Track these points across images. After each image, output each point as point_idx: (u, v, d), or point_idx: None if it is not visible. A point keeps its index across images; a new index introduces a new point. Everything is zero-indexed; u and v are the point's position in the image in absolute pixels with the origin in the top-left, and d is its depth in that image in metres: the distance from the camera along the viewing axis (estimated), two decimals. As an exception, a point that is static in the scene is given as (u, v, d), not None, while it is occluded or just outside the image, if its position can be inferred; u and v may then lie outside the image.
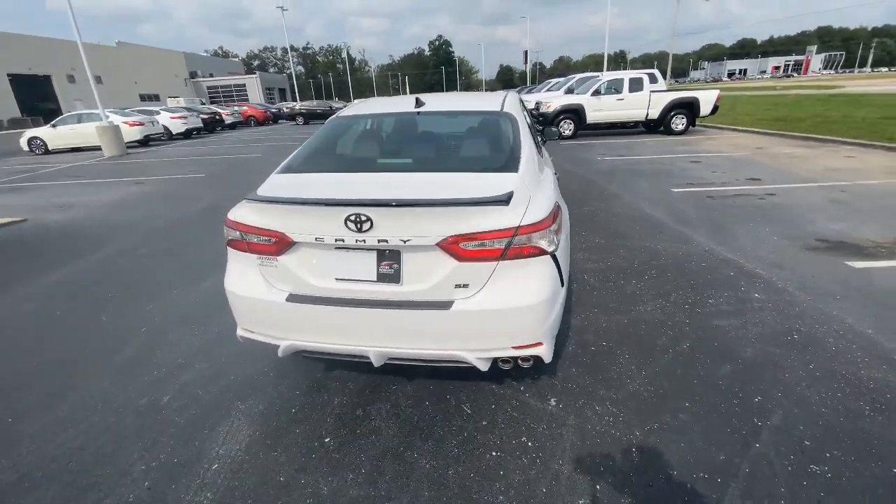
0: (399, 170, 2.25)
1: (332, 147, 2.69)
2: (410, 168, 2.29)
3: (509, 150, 2.27)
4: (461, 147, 2.47)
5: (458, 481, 1.80)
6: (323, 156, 2.61)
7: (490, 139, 2.49)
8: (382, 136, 2.88)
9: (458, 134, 2.75)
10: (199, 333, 3.01)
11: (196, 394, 2.40)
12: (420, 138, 2.73)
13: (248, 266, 2.07)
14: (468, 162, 2.34)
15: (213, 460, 1.95)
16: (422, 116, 2.71)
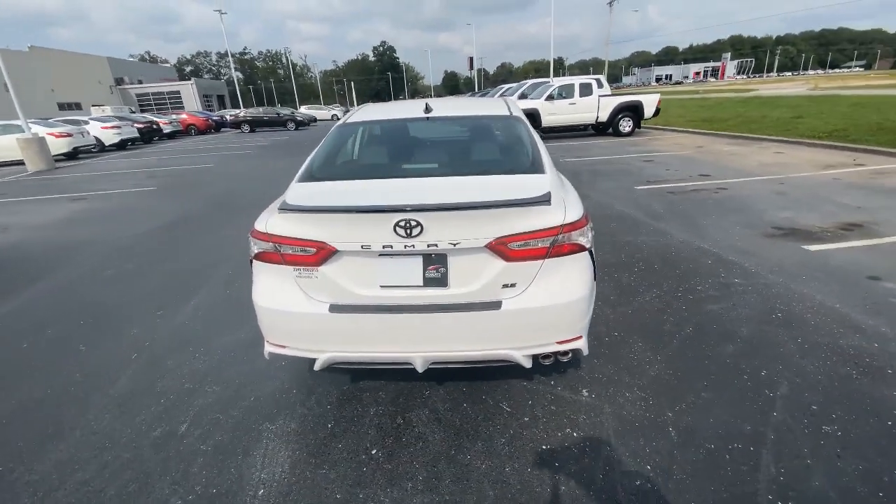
0: (427, 174, 2.25)
1: (349, 153, 2.64)
2: (437, 172, 2.30)
3: (531, 153, 2.35)
4: (482, 150, 2.52)
5: (517, 477, 1.84)
6: (342, 163, 2.56)
7: (508, 142, 2.56)
8: (398, 141, 2.87)
9: (474, 138, 2.80)
10: (200, 356, 2.83)
11: (216, 419, 2.26)
12: (437, 143, 2.75)
13: (283, 278, 1.99)
14: (493, 165, 2.39)
15: (258, 485, 1.86)
16: (433, 122, 2.74)
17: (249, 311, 2.97)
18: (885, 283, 3.29)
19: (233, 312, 3.36)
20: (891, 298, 3.07)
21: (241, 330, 3.10)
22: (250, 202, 7.22)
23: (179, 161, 14.04)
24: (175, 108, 39.42)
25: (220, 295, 3.71)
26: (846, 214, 4.92)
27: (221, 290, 3.81)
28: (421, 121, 2.74)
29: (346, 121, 2.83)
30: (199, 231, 5.74)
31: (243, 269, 4.20)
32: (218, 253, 4.77)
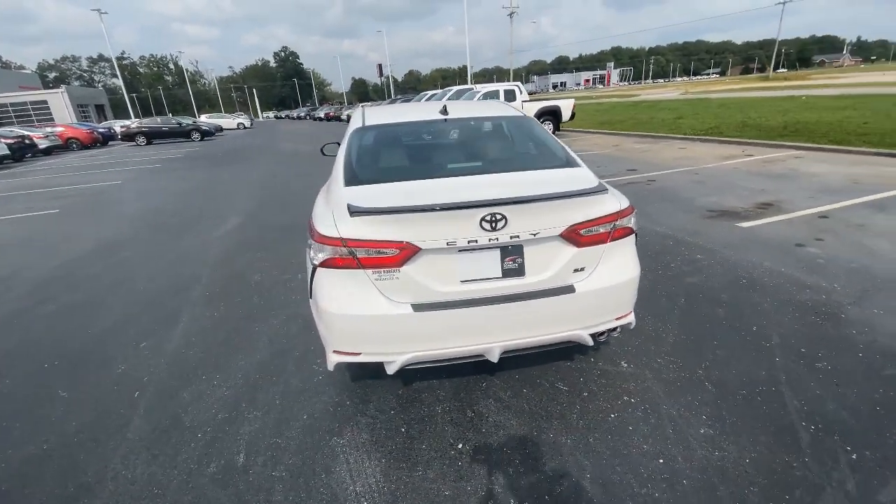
0: (474, 172, 2.31)
1: (385, 156, 2.61)
2: (483, 170, 2.37)
3: (560, 148, 2.54)
4: (514, 148, 2.65)
5: (603, 445, 1.99)
6: (384, 166, 2.52)
7: (534, 140, 2.72)
8: (429, 142, 2.88)
9: (499, 137, 2.91)
10: (220, 383, 2.59)
11: (275, 443, 2.11)
12: (466, 142, 2.81)
13: (358, 283, 1.94)
14: (532, 161, 2.53)
15: (359, 498, 1.79)
16: (452, 123, 2.81)
17: (257, 330, 2.79)
18: (808, 249, 4.03)
19: (236, 334, 3.11)
20: (818, 260, 3.78)
21: (255, 351, 2.89)
22: (191, 221, 6.61)
23: (76, 179, 12.20)
24: (42, 121, 33.95)
25: (210, 317, 3.39)
26: (757, 196, 5.87)
27: (207, 311, 3.48)
28: (439, 122, 2.80)
29: (363, 124, 2.78)
30: (144, 254, 5.12)
31: (222, 290, 3.88)
32: (182, 274, 4.32)
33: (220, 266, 4.50)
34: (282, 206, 6.99)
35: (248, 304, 3.58)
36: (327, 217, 2.03)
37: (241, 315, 3.40)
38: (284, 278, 4.04)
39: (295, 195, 7.77)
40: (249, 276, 4.15)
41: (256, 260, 4.60)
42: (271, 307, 3.50)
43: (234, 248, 5.04)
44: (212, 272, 4.34)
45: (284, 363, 2.74)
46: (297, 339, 2.99)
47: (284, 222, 5.96)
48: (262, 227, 5.86)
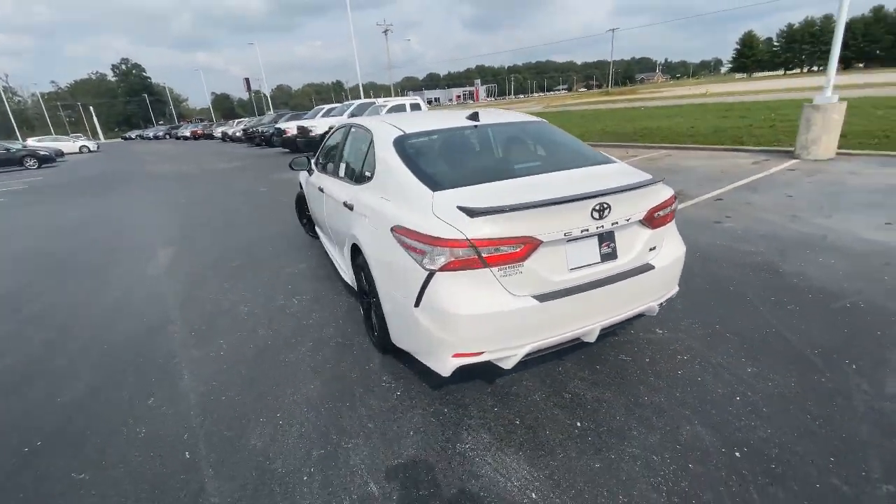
0: (538, 171, 2.46)
1: (447, 161, 2.61)
2: (544, 169, 2.53)
3: (589, 148, 2.86)
4: (557, 148, 2.86)
5: (691, 397, 2.31)
6: (455, 169, 2.53)
7: (564, 141, 2.98)
8: (478, 146, 2.93)
9: (535, 139, 3.08)
10: (288, 424, 2.32)
11: (400, 465, 2.00)
12: (511, 145, 2.94)
13: (483, 282, 1.96)
14: (580, 158, 2.74)
15: (524, 490, 1.82)
16: (486, 128, 2.95)
17: (293, 363, 2.60)
18: (725, 224, 5.02)
19: (273, 371, 2.79)
20: (738, 232, 4.73)
21: (309, 381, 2.63)
22: (85, 265, 5.55)
23: None
24: None
25: (218, 363, 2.95)
26: (663, 187, 7.03)
27: (209, 354, 3.03)
28: (481, 128, 2.92)
29: (403, 132, 2.75)
30: (54, 304, 4.16)
31: (205, 332, 3.41)
32: (129, 324, 3.65)
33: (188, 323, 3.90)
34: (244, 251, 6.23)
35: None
36: (433, 222, 2.01)
37: (259, 349, 3.03)
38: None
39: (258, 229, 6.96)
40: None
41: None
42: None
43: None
44: (188, 314, 3.75)
45: (359, 384, 2.56)
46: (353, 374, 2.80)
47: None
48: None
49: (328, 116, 16.43)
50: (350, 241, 2.90)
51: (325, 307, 3.60)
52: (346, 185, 3.24)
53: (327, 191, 3.63)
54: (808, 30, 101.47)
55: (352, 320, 3.34)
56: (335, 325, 3.29)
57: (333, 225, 3.51)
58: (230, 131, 30.26)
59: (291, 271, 4.47)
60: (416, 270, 2.05)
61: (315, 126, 15.23)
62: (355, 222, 2.78)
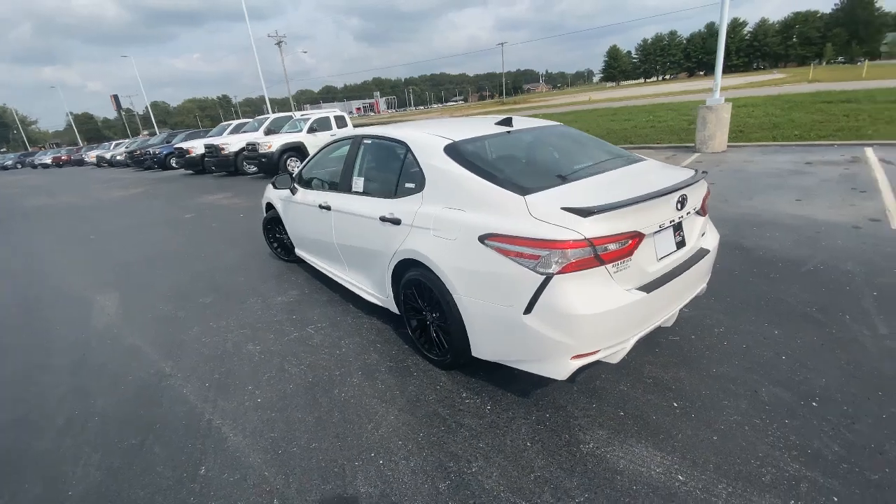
0: (597, 171, 2.55)
1: (510, 165, 2.59)
2: (601, 169, 2.61)
3: (616, 147, 3.06)
4: (594, 149, 2.97)
5: (748, 362, 2.57)
6: (526, 172, 2.51)
7: (596, 141, 3.13)
8: (526, 151, 2.91)
9: (567, 142, 3.13)
10: (383, 473, 2.11)
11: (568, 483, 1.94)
12: (555, 148, 2.98)
13: (599, 280, 2.00)
14: (621, 157, 2.87)
15: (670, 472, 1.88)
16: (523, 133, 3.00)
17: (355, 396, 2.45)
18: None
19: (336, 409, 2.51)
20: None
21: (385, 412, 2.42)
22: (8, 328, 4.54)
23: None
24: None
25: (263, 412, 2.58)
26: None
27: (244, 404, 2.63)
28: (513, 133, 2.95)
29: (451, 140, 2.67)
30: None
31: (222, 381, 3.03)
32: (111, 388, 3.04)
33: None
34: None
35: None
36: (540, 225, 2.00)
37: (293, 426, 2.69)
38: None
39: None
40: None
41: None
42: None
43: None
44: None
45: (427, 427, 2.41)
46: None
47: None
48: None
49: (240, 133, 15.19)
50: (397, 257, 2.74)
51: (351, 332, 3.34)
52: (372, 200, 3.05)
53: (340, 208, 3.38)
54: (658, 44, 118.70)
55: (391, 342, 3.15)
56: (376, 350, 3.07)
57: (356, 243, 3.27)
58: (108, 154, 26.46)
59: (285, 300, 4.06)
60: (525, 276, 2.02)
61: (228, 144, 13.97)
62: (409, 236, 2.63)
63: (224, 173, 15.00)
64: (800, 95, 18.13)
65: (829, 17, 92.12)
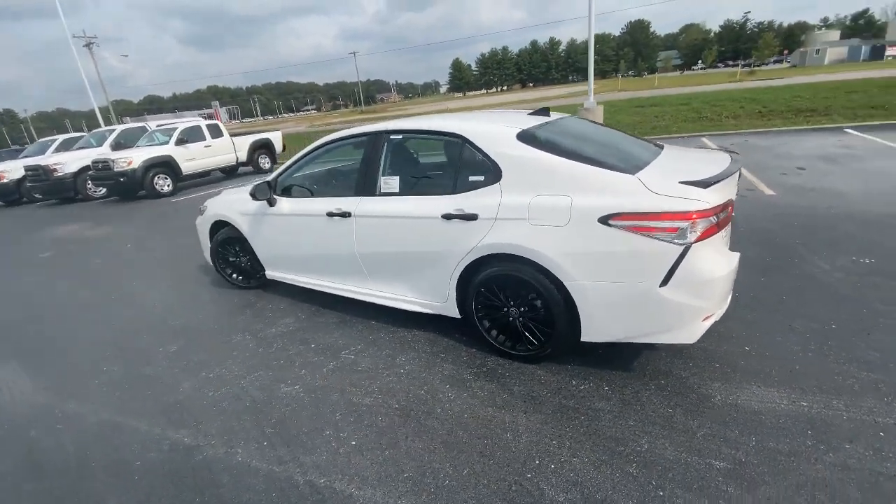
0: (652, 157, 2.70)
1: (586, 149, 2.58)
2: (654, 152, 2.78)
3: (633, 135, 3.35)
4: (622, 136, 3.16)
5: (783, 315, 3.09)
6: (608, 155, 2.51)
7: (614, 131, 3.35)
8: (583, 137, 2.90)
9: (596, 128, 3.26)
10: (572, 479, 1.99)
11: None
12: (594, 135, 3.04)
13: (718, 244, 2.21)
14: (649, 143, 3.12)
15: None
16: (563, 121, 3.06)
17: (470, 417, 2.38)
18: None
19: (461, 436, 2.23)
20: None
21: (515, 423, 2.25)
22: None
23: None
24: None
25: (374, 461, 2.16)
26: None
27: (340, 451, 2.17)
28: (555, 121, 3.00)
29: (521, 129, 2.60)
30: None
31: (281, 432, 2.59)
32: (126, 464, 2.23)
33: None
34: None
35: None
36: (669, 200, 2.11)
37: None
38: (339, 366, 2.85)
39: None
40: (277, 393, 2.64)
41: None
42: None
43: (127, 394, 2.83)
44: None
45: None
46: (516, 386, 2.49)
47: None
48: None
49: (73, 150, 12.16)
50: (474, 254, 2.57)
51: (398, 348, 3.00)
52: (420, 199, 2.81)
53: (367, 213, 3.00)
54: (493, 59, 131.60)
55: (451, 348, 2.92)
56: (444, 360, 2.82)
57: (397, 249, 2.93)
58: None
59: (282, 330, 3.43)
60: (661, 250, 2.10)
61: (62, 164, 11.04)
62: (492, 230, 2.48)
63: (56, 200, 11.84)
64: (618, 102, 22.02)
65: (619, 38, 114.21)
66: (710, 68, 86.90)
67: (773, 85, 22.30)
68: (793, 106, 13.51)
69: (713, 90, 23.73)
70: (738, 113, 13.72)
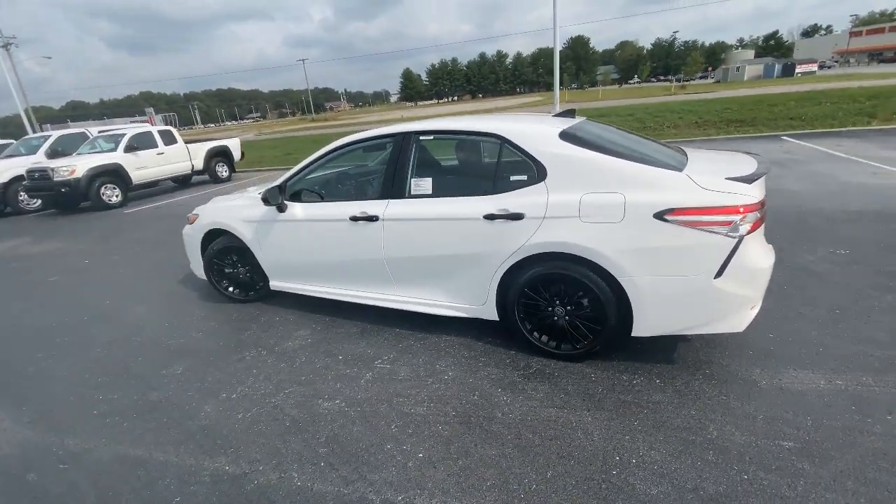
0: (683, 156, 2.81)
1: (624, 148, 2.62)
2: (683, 152, 2.90)
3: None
4: (642, 138, 3.26)
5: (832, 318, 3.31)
6: (647, 155, 2.56)
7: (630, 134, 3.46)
8: (615, 137, 2.93)
9: (616, 130, 3.33)
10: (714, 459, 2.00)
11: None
12: (623, 135, 3.11)
13: (760, 237, 2.35)
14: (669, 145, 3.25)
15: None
16: (591, 123, 3.12)
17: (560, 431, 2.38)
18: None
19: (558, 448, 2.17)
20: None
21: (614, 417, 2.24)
22: None
23: None
24: None
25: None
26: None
27: (451, 478, 2.05)
28: (583, 122, 3.05)
29: (562, 129, 2.62)
30: None
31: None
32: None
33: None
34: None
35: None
36: (720, 195, 2.21)
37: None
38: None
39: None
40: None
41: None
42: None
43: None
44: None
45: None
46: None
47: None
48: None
49: (0, 159, 10.87)
50: (521, 253, 2.55)
51: (435, 355, 2.90)
52: (457, 200, 2.76)
53: (398, 216, 2.90)
54: (443, 70, 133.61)
55: (491, 352, 2.88)
56: (486, 363, 2.76)
57: (432, 252, 2.85)
58: None
59: (300, 343, 3.23)
60: (716, 243, 2.19)
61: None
62: (540, 229, 2.48)
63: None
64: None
65: (562, 52, 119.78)
66: (645, 82, 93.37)
67: (705, 98, 24.31)
68: (724, 117, 14.77)
69: (653, 102, 25.47)
70: (678, 123, 14.78)
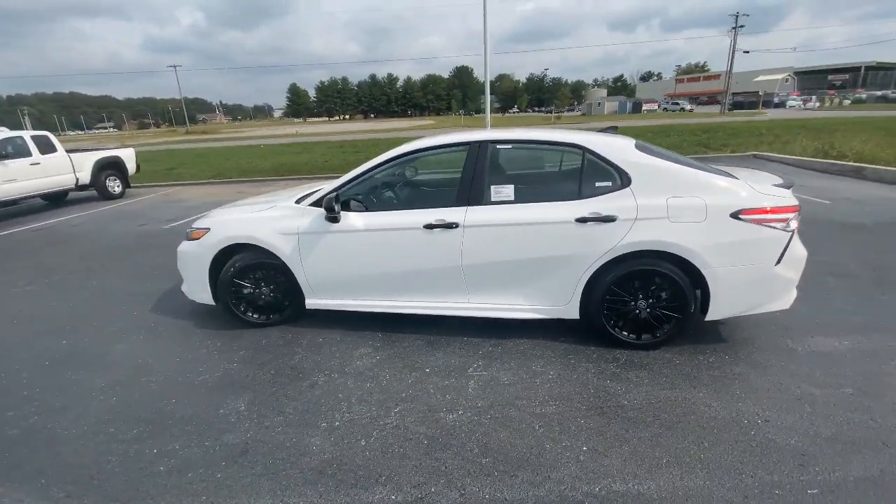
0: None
1: (680, 157, 2.99)
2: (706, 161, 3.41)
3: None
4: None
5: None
6: (703, 164, 2.97)
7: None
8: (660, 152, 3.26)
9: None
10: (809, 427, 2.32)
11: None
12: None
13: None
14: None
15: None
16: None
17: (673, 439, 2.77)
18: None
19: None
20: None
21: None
22: None
23: None
24: None
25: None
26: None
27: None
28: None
29: (638, 141, 2.95)
30: None
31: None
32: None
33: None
34: None
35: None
36: (776, 197, 2.72)
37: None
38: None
39: None
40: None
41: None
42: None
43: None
44: None
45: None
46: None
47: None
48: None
49: None
50: (613, 253, 2.79)
51: (523, 358, 2.96)
52: (543, 205, 2.91)
53: (483, 222, 2.93)
54: (333, 87, 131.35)
55: (575, 351, 3.02)
56: (577, 359, 2.91)
57: (518, 256, 2.91)
58: None
59: (369, 363, 3.00)
60: (778, 236, 2.68)
61: None
62: (632, 230, 2.74)
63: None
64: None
65: (449, 80, 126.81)
66: (523, 112, 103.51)
67: (580, 128, 28.00)
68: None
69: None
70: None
